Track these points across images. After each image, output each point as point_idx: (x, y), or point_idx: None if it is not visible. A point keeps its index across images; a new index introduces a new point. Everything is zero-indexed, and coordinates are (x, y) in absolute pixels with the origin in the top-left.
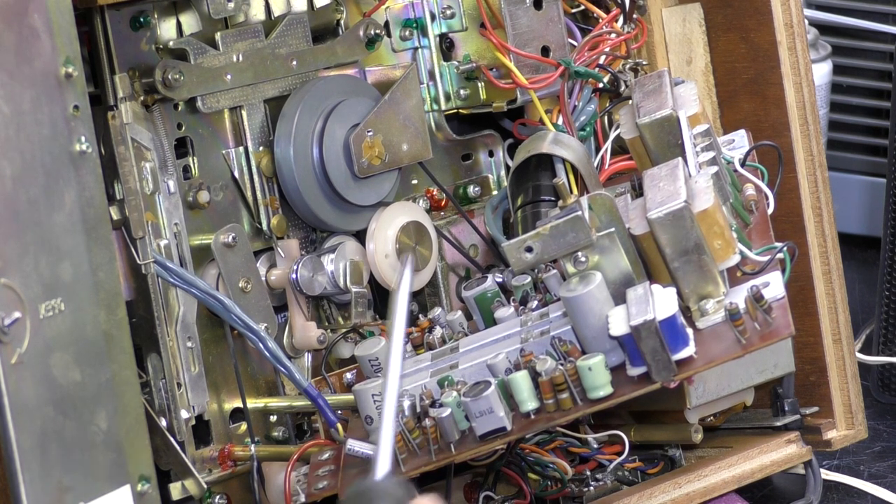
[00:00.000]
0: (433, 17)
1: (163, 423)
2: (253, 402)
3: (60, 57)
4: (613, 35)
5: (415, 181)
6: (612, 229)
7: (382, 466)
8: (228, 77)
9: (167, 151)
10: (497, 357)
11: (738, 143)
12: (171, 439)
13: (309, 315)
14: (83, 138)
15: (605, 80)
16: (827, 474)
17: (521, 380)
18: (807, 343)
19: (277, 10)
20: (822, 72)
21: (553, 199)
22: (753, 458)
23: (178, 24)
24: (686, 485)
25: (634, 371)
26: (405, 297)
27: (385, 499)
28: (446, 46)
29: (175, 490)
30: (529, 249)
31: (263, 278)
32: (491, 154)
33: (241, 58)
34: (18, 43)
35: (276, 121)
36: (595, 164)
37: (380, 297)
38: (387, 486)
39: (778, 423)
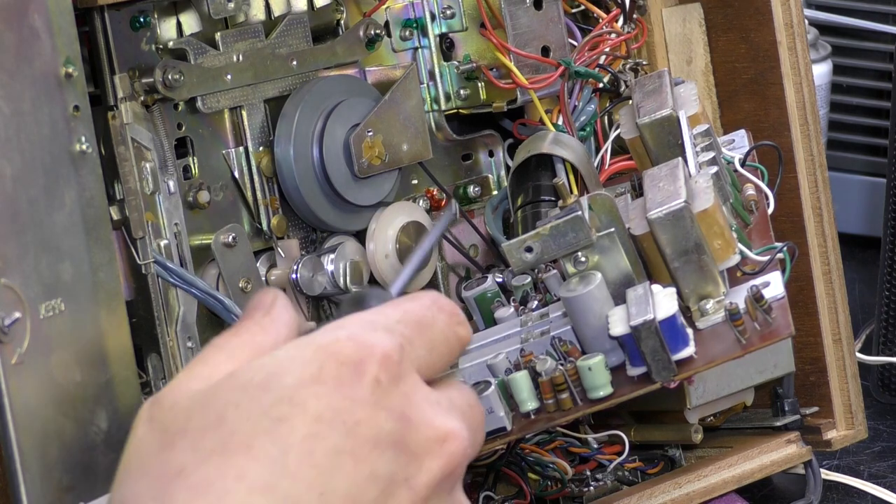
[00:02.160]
0: (433, 17)
1: None
2: None
3: (60, 57)
4: (613, 35)
5: (415, 181)
6: (612, 229)
7: (395, 287)
8: (228, 77)
9: (167, 151)
10: (497, 357)
11: (738, 143)
12: None
13: (309, 315)
14: (83, 138)
15: (605, 80)
16: (827, 474)
17: (521, 380)
18: (807, 343)
19: (277, 10)
20: (822, 72)
21: (553, 199)
22: (753, 458)
23: (178, 24)
24: (686, 485)
25: (634, 371)
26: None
27: (379, 299)
28: (446, 46)
29: None
30: (529, 249)
31: (263, 278)
32: (491, 154)
33: (241, 58)
34: (18, 43)
35: (276, 121)
36: (595, 164)
37: None
38: (385, 294)
39: (778, 423)
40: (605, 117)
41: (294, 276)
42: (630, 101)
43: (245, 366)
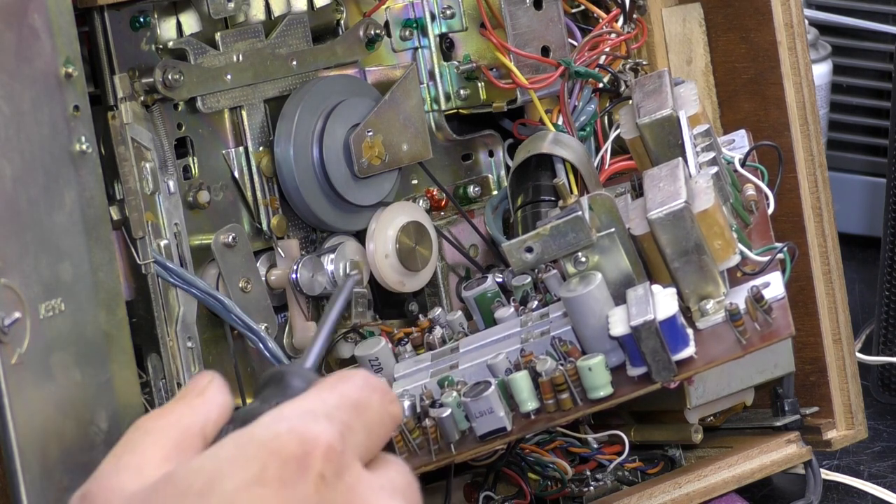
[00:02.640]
0: (433, 17)
1: None
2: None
3: (60, 57)
4: (613, 35)
5: (415, 181)
6: (613, 229)
7: (309, 360)
8: (228, 77)
9: (167, 151)
10: (497, 357)
11: (738, 143)
12: None
13: (309, 315)
14: (83, 138)
15: (605, 80)
16: (827, 474)
17: (521, 380)
18: (807, 343)
19: (277, 10)
20: (822, 72)
21: (553, 199)
22: (753, 458)
23: (178, 24)
24: (686, 485)
25: (634, 371)
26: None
27: (299, 376)
28: (446, 46)
29: None
30: (529, 250)
31: (263, 278)
32: (491, 154)
33: (241, 58)
34: (18, 43)
35: (276, 121)
36: (595, 164)
37: (380, 297)
38: (304, 370)
39: (778, 423)
40: (605, 117)
41: (294, 276)
42: (630, 101)
43: (183, 467)
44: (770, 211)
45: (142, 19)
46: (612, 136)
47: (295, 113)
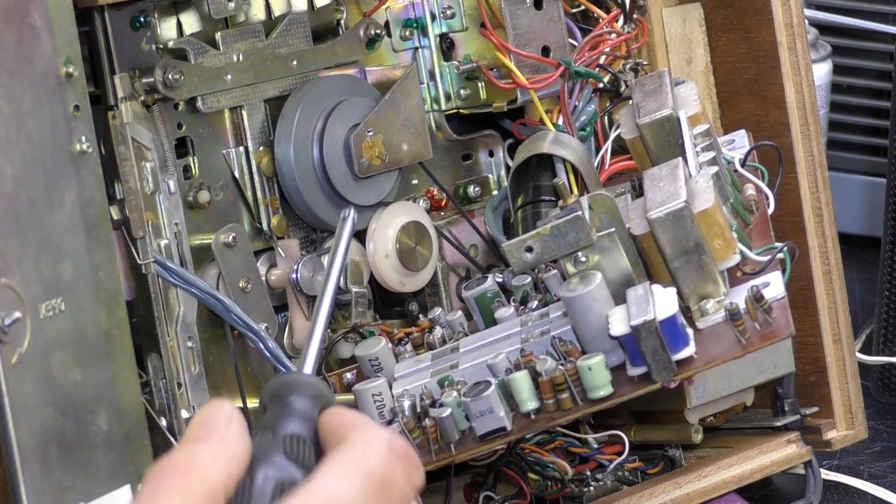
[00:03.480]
0: (433, 17)
1: (163, 423)
2: (253, 402)
3: (60, 57)
4: (613, 35)
5: (415, 181)
6: (613, 229)
7: (308, 365)
8: (229, 77)
9: (167, 151)
10: (497, 357)
11: (738, 143)
12: (172, 439)
13: (309, 315)
14: (83, 138)
15: (606, 80)
16: (827, 474)
17: (522, 380)
18: (807, 343)
19: (277, 10)
20: (822, 72)
21: (553, 199)
22: (753, 458)
23: (179, 24)
24: (686, 485)
25: (634, 371)
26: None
27: (302, 394)
28: (446, 46)
29: None
30: (530, 249)
31: (263, 278)
32: (491, 154)
33: (241, 58)
34: (18, 43)
35: (276, 121)
36: (595, 164)
37: (380, 297)
38: (309, 378)
39: (778, 423)
40: (605, 117)
41: (294, 276)
42: (630, 101)
43: None
44: (770, 211)
45: (142, 19)
46: (612, 136)
47: (295, 113)
